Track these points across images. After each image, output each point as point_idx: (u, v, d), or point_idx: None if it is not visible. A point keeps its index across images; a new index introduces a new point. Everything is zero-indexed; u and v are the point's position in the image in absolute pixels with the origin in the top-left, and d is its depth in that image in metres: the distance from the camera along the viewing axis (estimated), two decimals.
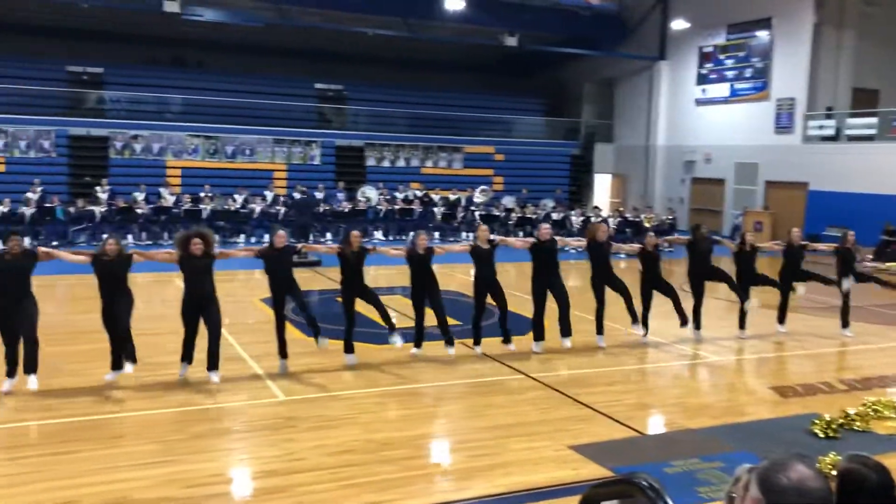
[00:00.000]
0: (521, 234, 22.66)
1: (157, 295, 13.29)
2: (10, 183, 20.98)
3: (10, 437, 6.67)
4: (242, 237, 20.82)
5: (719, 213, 26.59)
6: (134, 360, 8.01)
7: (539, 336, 10.00)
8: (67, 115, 23.61)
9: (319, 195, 22.35)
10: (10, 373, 7.70)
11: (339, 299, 9.45)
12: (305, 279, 14.63)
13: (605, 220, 22.22)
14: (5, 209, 18.59)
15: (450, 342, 9.48)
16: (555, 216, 22.84)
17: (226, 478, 6.09)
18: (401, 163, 27.12)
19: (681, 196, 27.99)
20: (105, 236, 8.29)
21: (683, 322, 10.64)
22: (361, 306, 9.25)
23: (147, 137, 23.73)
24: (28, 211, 18.90)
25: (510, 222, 22.93)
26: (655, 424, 7.65)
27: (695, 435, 7.12)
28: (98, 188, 20.80)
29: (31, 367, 7.62)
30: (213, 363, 8.17)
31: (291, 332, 10.66)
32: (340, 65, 28.85)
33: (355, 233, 9.06)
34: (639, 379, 9.36)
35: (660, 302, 10.73)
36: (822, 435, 7.03)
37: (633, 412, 7.76)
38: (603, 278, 10.27)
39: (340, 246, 9.02)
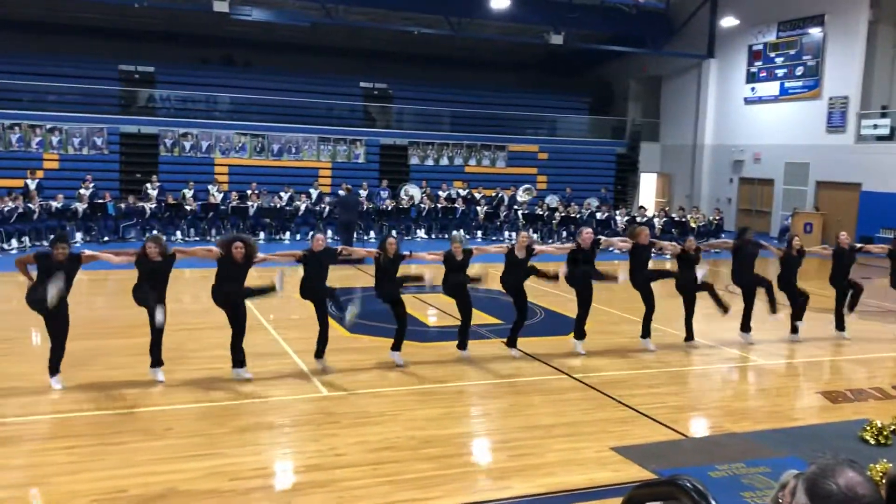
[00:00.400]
0: (563, 232, 22.55)
1: (205, 290, 13.49)
2: (64, 179, 21.53)
3: (63, 427, 6.85)
4: (288, 234, 21.07)
5: (767, 214, 26.10)
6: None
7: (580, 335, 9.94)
8: (119, 114, 24.15)
9: (363, 193, 22.50)
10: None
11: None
12: (348, 276, 14.77)
13: (650, 221, 22.00)
14: (59, 204, 19.07)
15: (461, 346, 9.42)
16: (599, 216, 22.65)
17: (269, 471, 6.18)
18: (444, 161, 27.16)
19: (728, 196, 27.54)
20: (146, 238, 8.39)
21: (688, 337, 10.46)
22: (411, 307, 9.27)
23: (196, 135, 24.14)
24: (80, 206, 19.37)
25: (553, 221, 22.81)
26: (699, 427, 7.55)
27: (740, 439, 7.01)
28: (148, 185, 21.23)
29: (56, 369, 7.78)
30: (238, 360, 8.27)
31: (334, 328, 10.78)
32: (385, 63, 29.00)
33: (391, 240, 9.01)
34: (683, 381, 9.24)
35: (706, 304, 10.57)
36: (872, 441, 6.86)
37: (676, 414, 7.66)
38: (639, 282, 10.08)
39: (377, 251, 8.96)
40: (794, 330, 10.93)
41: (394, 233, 21.13)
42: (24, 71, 23.40)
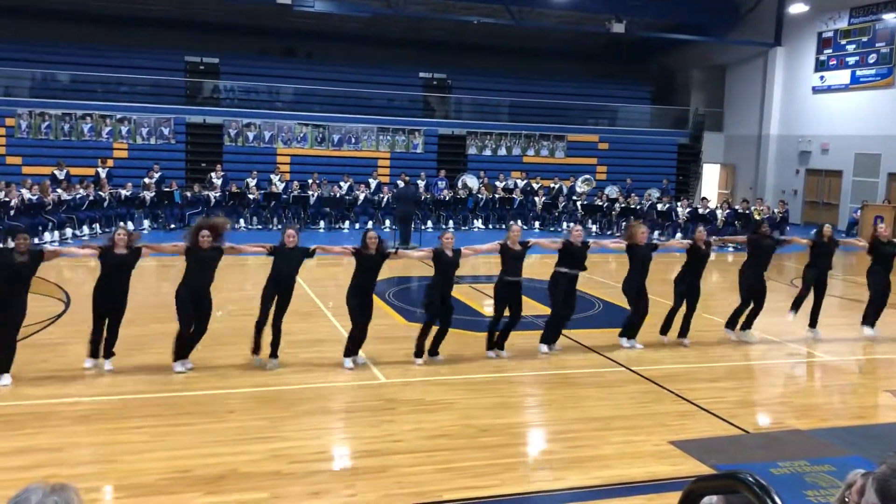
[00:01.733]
0: (623, 224, 22.28)
1: (250, 279, 13.76)
2: (133, 168, 22.17)
3: (131, 408, 7.09)
4: (347, 224, 21.31)
5: (835, 207, 25.32)
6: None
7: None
8: (185, 104, 24.74)
9: (421, 184, 22.59)
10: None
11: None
12: (399, 266, 14.87)
13: (712, 212, 21.57)
14: (128, 193, 19.66)
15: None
16: (660, 207, 22.30)
17: (328, 455, 6.30)
18: (502, 151, 27.07)
19: (794, 188, 26.80)
20: (115, 228, 8.39)
21: (666, 331, 9.96)
22: (463, 294, 9.30)
23: (259, 125, 24.57)
24: (148, 195, 19.93)
25: (613, 212, 22.55)
26: (761, 423, 7.41)
27: (804, 436, 6.86)
28: (213, 174, 21.72)
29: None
30: (182, 353, 8.13)
31: (392, 316, 10.89)
32: (445, 53, 29.02)
33: (371, 234, 8.48)
34: (745, 376, 9.07)
35: (775, 297, 10.33)
36: None
37: (737, 409, 7.54)
38: (636, 283, 9.60)
39: (357, 248, 8.48)
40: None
41: (451, 224, 21.19)
42: (95, 63, 24.14)
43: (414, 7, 25.39)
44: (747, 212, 21.58)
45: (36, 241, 16.20)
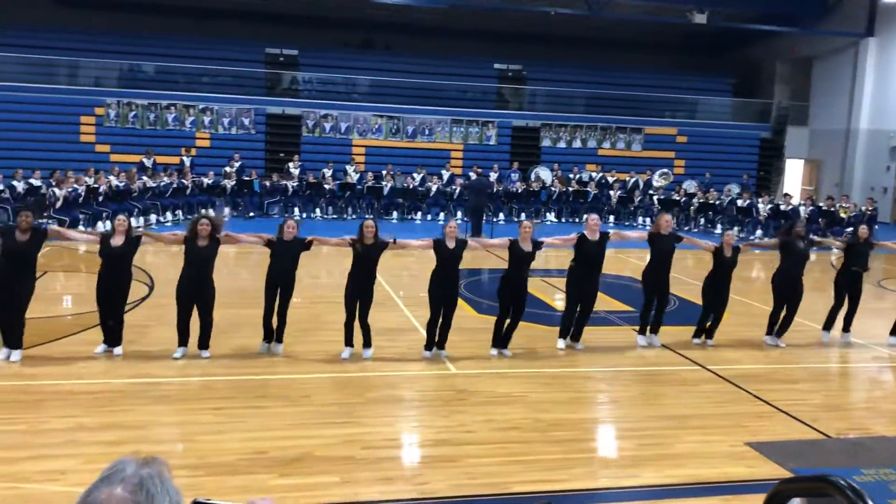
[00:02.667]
0: (701, 219, 21.80)
1: (340, 265, 14.00)
2: (215, 157, 22.80)
3: (210, 390, 7.32)
4: (419, 214, 21.46)
5: None
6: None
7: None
8: (265, 95, 25.29)
9: (493, 176, 22.55)
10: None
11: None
12: (472, 257, 14.88)
13: (795, 209, 20.88)
14: (210, 181, 20.25)
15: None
16: (740, 203, 21.71)
17: (400, 442, 6.38)
18: (577, 144, 26.76)
19: (884, 185, 25.68)
20: (118, 217, 8.37)
21: (698, 335, 9.57)
22: (538, 290, 9.26)
23: (336, 117, 24.93)
24: (228, 183, 20.48)
25: (691, 207, 22.06)
26: (844, 428, 7.15)
27: (890, 442, 6.59)
28: (290, 164, 22.16)
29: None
30: (204, 343, 8.19)
31: (463, 307, 10.92)
32: (520, 45, 28.81)
33: (369, 223, 8.25)
34: (826, 378, 8.78)
35: (865, 299, 9.95)
36: None
37: (818, 413, 7.30)
38: (660, 275, 9.21)
39: (353, 238, 8.25)
40: None
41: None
42: (179, 54, 24.90)
43: None
44: (832, 209, 20.80)
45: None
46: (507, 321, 8.67)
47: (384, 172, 22.09)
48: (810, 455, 6.27)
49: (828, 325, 9.92)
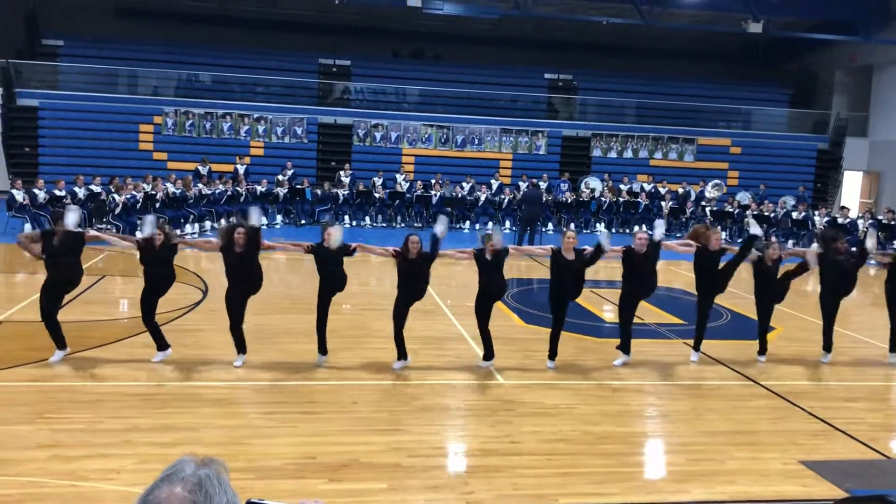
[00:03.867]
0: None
1: (389, 273, 14.10)
2: (268, 165, 23.20)
3: (263, 394, 7.44)
4: (468, 224, 21.48)
5: None
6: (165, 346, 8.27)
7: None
8: (318, 105, 25.66)
9: (543, 186, 22.47)
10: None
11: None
12: (529, 267, 14.83)
13: (853, 223, 20.35)
14: (263, 189, 20.60)
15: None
16: (795, 215, 21.25)
17: (446, 451, 6.39)
18: (628, 154, 26.52)
19: None
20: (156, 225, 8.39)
21: (761, 351, 9.29)
22: (587, 301, 9.18)
23: (386, 126, 25.16)
24: (281, 191, 20.80)
25: (744, 219, 21.63)
26: None
27: None
28: (342, 172, 22.41)
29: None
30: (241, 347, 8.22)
31: (511, 318, 10.90)
32: (571, 54, 28.72)
33: (414, 238, 8.25)
34: (887, 397, 8.53)
35: None
36: None
37: (877, 433, 7.09)
38: (705, 293, 9.03)
39: (396, 251, 8.30)
40: None
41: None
42: (235, 64, 25.44)
43: (541, 8, 25.26)
44: (892, 223, 20.21)
45: (178, 231, 17.26)
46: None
47: (433, 181, 22.19)
48: (867, 475, 6.10)
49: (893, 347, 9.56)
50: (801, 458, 6.34)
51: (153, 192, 17.41)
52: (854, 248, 9.61)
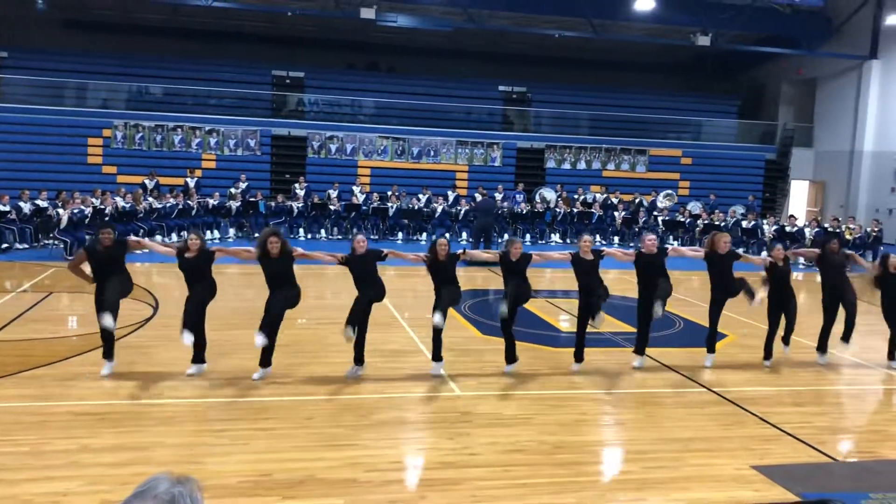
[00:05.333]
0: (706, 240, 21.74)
1: (345, 285, 14.00)
2: (221, 178, 22.92)
3: (215, 411, 7.30)
4: (424, 235, 21.48)
5: None
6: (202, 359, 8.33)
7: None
8: (271, 117, 25.46)
9: (498, 197, 22.61)
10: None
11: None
12: (475, 278, 14.87)
13: (800, 231, 20.86)
14: (215, 202, 20.33)
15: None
16: (745, 224, 21.71)
17: (404, 465, 6.34)
18: (581, 165, 26.84)
19: (889, 207, 25.65)
20: (188, 232, 8.54)
21: (767, 356, 9.61)
22: (538, 308, 9.24)
23: (341, 138, 25.07)
24: (234, 204, 20.55)
25: (696, 229, 22.06)
26: (851, 451, 7.09)
27: None
28: (296, 185, 22.25)
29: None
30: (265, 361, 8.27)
31: (468, 328, 10.90)
32: (525, 67, 29.01)
33: (442, 241, 8.59)
34: (834, 401, 8.72)
35: (867, 320, 9.91)
36: None
37: (825, 436, 7.24)
38: (717, 299, 9.30)
39: (427, 255, 8.60)
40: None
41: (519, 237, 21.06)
42: (186, 76, 25.13)
43: (495, 21, 25.49)
44: (837, 230, 20.77)
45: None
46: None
47: (389, 193, 22.16)
48: (818, 479, 6.22)
49: (891, 355, 9.89)
50: (754, 463, 6.43)
51: (102, 207, 17.06)
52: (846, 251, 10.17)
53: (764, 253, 19.89)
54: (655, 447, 6.79)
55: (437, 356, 8.54)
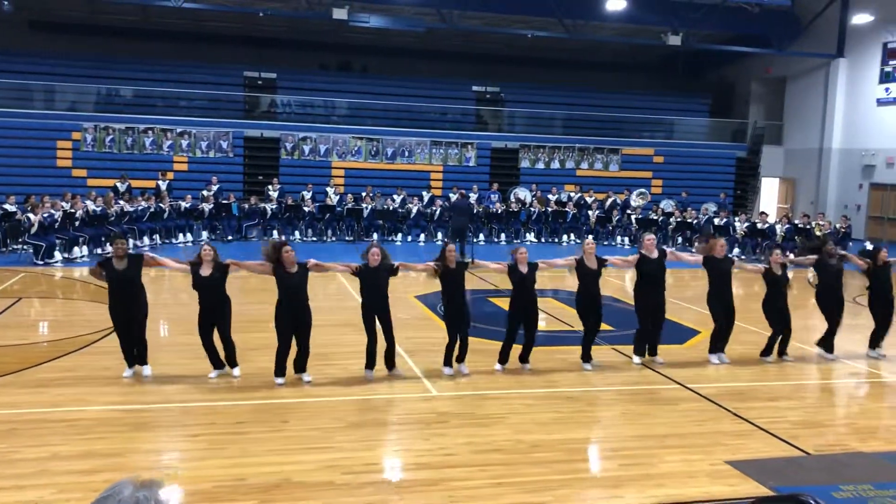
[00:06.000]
0: (679, 238, 21.96)
1: (322, 290, 13.92)
2: (192, 180, 22.71)
3: (189, 416, 7.23)
4: (399, 236, 21.45)
5: None
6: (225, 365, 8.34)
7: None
8: (244, 118, 25.27)
9: (473, 197, 22.63)
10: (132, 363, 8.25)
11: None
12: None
13: (771, 227, 21.11)
14: (187, 204, 20.14)
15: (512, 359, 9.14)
16: (717, 221, 21.92)
17: (381, 467, 6.32)
18: (555, 164, 26.96)
19: (857, 203, 26.06)
20: (202, 244, 8.48)
21: (766, 353, 9.85)
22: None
23: (315, 139, 24.95)
24: (206, 207, 20.37)
25: (669, 227, 22.25)
26: (822, 445, 7.18)
27: (868, 459, 6.63)
28: (269, 187, 22.11)
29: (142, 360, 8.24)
30: (302, 366, 8.31)
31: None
32: (498, 67, 29.08)
33: (451, 247, 8.65)
34: (805, 395, 8.83)
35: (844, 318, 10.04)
36: None
37: (797, 430, 7.33)
38: (724, 297, 9.54)
39: (437, 263, 8.60)
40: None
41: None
42: (157, 78, 24.86)
43: (468, 21, 25.53)
44: (808, 227, 21.06)
45: (98, 251, 16.73)
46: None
47: (364, 194, 22.09)
48: (790, 473, 6.30)
49: (872, 344, 10.19)
50: (728, 459, 6.50)
51: (72, 211, 16.83)
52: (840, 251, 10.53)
53: (737, 251, 20.19)
54: (631, 444, 6.83)
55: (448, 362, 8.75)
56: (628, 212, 23.40)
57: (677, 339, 10.15)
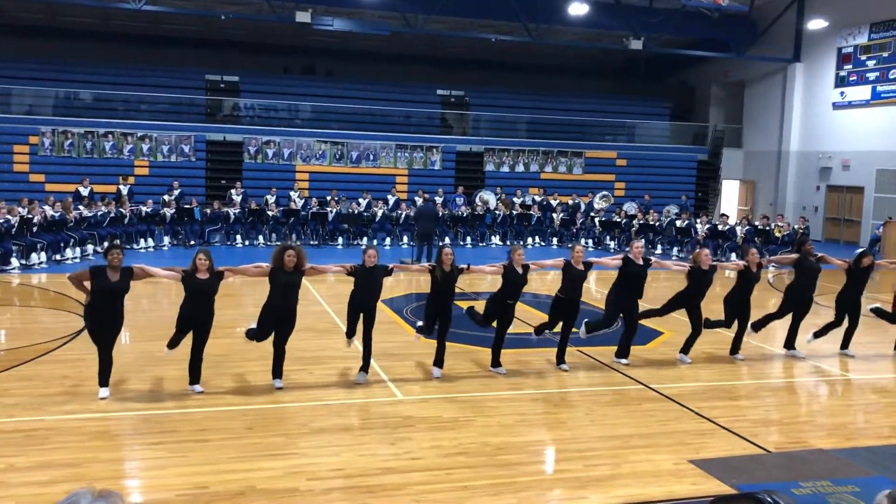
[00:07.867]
0: (642, 240, 22.18)
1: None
2: (154, 185, 22.40)
3: (150, 424, 7.11)
4: (365, 240, 21.37)
5: (857, 224, 25.09)
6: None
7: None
8: (206, 122, 25.00)
9: (438, 200, 22.64)
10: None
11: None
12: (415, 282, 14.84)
13: (732, 229, 21.42)
14: (149, 209, 19.85)
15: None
16: (679, 223, 22.21)
17: (346, 472, 6.27)
18: (520, 168, 27.10)
19: (815, 205, 26.60)
20: (196, 251, 8.23)
21: (733, 350, 10.15)
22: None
23: (278, 143, 24.77)
24: (168, 211, 20.10)
25: (632, 229, 22.48)
26: (783, 442, 7.30)
27: (827, 456, 6.76)
28: (232, 191, 21.88)
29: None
30: (278, 372, 8.27)
31: (409, 332, 10.87)
32: (463, 71, 29.17)
33: (447, 250, 8.78)
34: (766, 394, 8.96)
35: (808, 318, 10.27)
36: None
37: (758, 428, 7.45)
38: (697, 309, 9.77)
39: (433, 266, 8.82)
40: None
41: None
42: (117, 81, 24.49)
43: (432, 25, 25.56)
44: (767, 228, 21.43)
45: (57, 257, 16.40)
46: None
47: (329, 198, 21.97)
48: (751, 470, 6.39)
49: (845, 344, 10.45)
50: (690, 458, 6.58)
51: (30, 216, 16.48)
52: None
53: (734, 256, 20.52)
54: (596, 445, 6.88)
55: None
56: (592, 214, 23.60)
57: (641, 340, 10.24)
